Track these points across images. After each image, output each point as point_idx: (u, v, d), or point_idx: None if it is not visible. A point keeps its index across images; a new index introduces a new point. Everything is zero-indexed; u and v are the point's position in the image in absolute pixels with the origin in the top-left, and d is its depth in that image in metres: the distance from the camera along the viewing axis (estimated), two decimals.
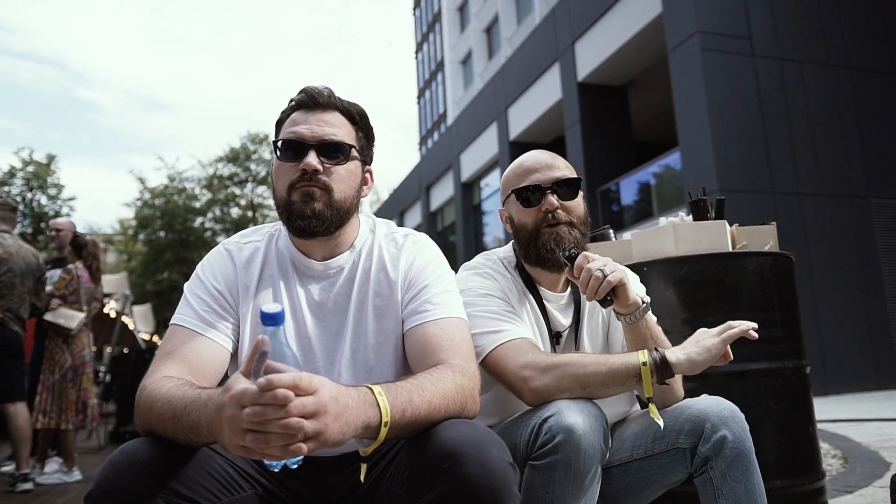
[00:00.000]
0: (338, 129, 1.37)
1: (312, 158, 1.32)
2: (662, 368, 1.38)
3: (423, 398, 1.12)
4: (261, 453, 0.92)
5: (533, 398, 1.41)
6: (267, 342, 0.96)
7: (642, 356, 1.39)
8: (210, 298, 1.33)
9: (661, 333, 1.56)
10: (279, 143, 1.36)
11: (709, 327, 2.34)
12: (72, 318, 4.65)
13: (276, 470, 1.04)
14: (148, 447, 1.09)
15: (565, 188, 1.63)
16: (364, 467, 1.16)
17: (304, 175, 1.32)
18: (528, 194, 1.63)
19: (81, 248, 5.03)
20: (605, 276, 1.41)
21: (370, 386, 1.07)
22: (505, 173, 1.73)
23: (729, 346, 1.44)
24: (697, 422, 1.44)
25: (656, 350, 1.42)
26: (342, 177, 1.36)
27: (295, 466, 1.02)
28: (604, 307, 1.49)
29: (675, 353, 1.41)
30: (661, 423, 1.42)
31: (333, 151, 1.35)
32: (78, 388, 4.74)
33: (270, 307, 1.00)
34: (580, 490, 1.25)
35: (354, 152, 1.39)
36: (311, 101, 1.37)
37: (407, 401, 1.09)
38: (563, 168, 1.66)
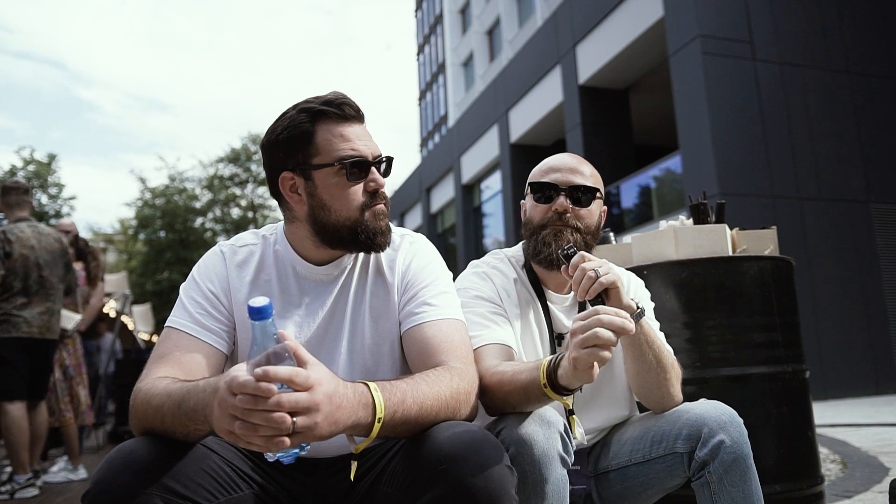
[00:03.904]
0: (374, 140, 1.36)
1: (380, 177, 1.32)
2: (555, 382, 1.24)
3: (416, 399, 1.12)
4: (246, 442, 0.94)
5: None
6: (290, 347, 0.96)
7: (543, 373, 1.26)
8: (204, 300, 1.33)
9: (658, 339, 1.54)
10: (346, 163, 1.28)
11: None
12: (69, 319, 4.63)
13: (269, 460, 1.04)
14: (145, 446, 1.09)
15: (581, 195, 1.63)
16: (354, 465, 1.17)
17: (376, 195, 1.32)
18: (543, 191, 1.65)
19: (86, 252, 5.05)
20: (598, 277, 1.40)
21: (367, 383, 1.08)
22: (534, 168, 1.75)
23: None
24: (695, 426, 1.44)
25: (553, 363, 1.27)
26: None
27: (287, 462, 1.02)
28: None
29: (563, 365, 1.23)
30: (581, 437, 1.27)
31: (384, 164, 1.35)
32: (86, 386, 4.81)
33: (257, 301, 0.98)
34: (543, 498, 1.24)
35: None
36: (353, 111, 1.32)
37: (400, 401, 1.10)
38: (586, 175, 1.66)
